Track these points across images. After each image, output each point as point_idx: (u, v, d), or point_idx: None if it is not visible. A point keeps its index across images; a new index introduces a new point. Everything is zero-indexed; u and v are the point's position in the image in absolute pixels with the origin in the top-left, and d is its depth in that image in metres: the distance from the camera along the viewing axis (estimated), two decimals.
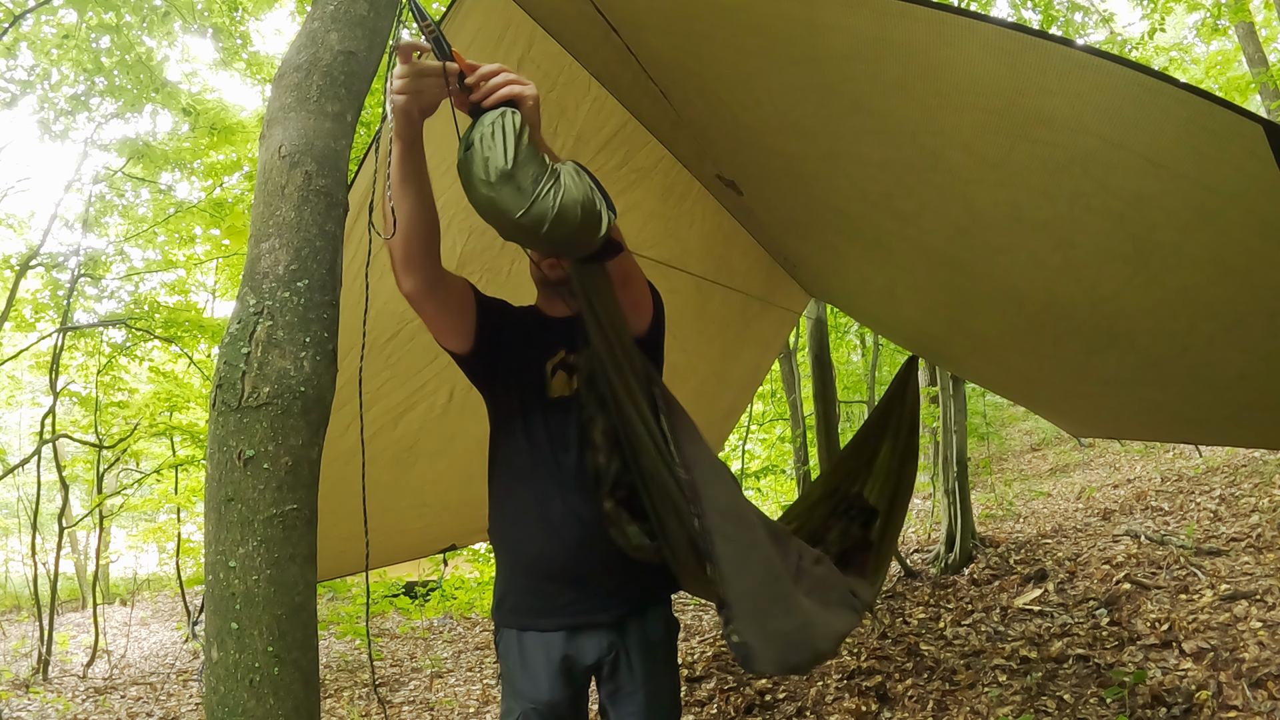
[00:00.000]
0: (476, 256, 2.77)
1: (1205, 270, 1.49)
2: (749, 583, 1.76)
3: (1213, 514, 5.06)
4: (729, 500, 1.81)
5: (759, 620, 1.72)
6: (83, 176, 7.70)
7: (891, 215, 2.15)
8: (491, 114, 1.49)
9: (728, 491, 1.83)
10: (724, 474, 1.95)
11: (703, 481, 1.73)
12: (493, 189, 1.46)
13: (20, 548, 11.43)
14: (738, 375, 5.04)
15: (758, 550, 1.83)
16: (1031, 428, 12.30)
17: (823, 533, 3.28)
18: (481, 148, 1.46)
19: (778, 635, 1.76)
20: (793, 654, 1.81)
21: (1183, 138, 1.13)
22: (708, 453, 1.93)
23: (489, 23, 2.13)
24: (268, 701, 1.22)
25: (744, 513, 1.88)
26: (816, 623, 1.92)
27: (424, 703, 4.69)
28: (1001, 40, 1.16)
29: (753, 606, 1.73)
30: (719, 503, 1.76)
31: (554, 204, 1.47)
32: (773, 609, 1.80)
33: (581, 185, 1.52)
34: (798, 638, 1.82)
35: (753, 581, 1.77)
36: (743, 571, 1.75)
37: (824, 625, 1.97)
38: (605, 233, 1.58)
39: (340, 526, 2.12)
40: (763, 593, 1.79)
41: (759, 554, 1.83)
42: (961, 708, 3.05)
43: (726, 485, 1.86)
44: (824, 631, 1.95)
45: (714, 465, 1.89)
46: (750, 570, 1.78)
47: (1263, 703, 2.62)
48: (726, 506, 1.78)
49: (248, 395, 1.30)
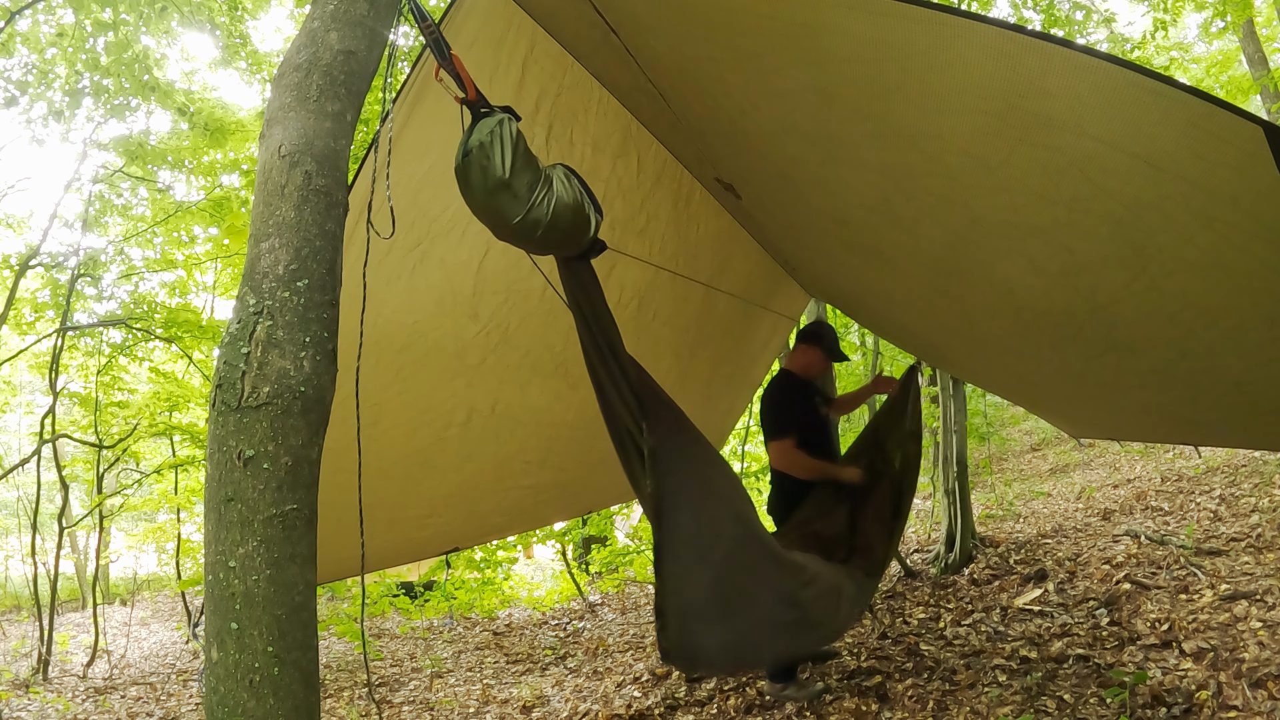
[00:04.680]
0: (500, 275, 2.74)
1: (1204, 275, 1.48)
2: (685, 597, 1.99)
3: (1213, 514, 5.06)
4: (690, 528, 2.01)
5: (686, 632, 1.99)
6: (82, 176, 7.70)
7: (890, 221, 2.15)
8: (489, 121, 1.51)
9: (692, 518, 2.04)
10: (705, 493, 2.11)
11: (669, 499, 1.94)
12: (490, 195, 1.50)
13: (20, 548, 11.42)
14: (738, 375, 5.04)
15: (709, 569, 2.05)
16: (1031, 428, 12.29)
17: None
18: (479, 154, 1.49)
19: (701, 646, 2.03)
20: (708, 663, 2.23)
21: (1182, 140, 1.13)
22: (691, 461, 2.08)
23: (490, 24, 2.12)
24: (268, 701, 1.22)
25: (710, 534, 2.08)
26: (754, 641, 2.19)
27: (424, 703, 4.69)
28: (1001, 42, 1.16)
29: (683, 621, 1.98)
30: (680, 526, 1.97)
31: (548, 210, 1.53)
32: (705, 623, 2.04)
33: (572, 190, 1.58)
34: (722, 651, 2.09)
35: (691, 595, 2.01)
36: (684, 585, 1.99)
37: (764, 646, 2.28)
38: (594, 233, 1.66)
39: (344, 535, 2.12)
40: (699, 609, 2.02)
41: (709, 573, 2.05)
42: (961, 708, 3.05)
43: (697, 510, 2.07)
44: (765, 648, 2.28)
45: (691, 482, 2.05)
46: (691, 583, 2.01)
47: (1263, 703, 2.62)
48: (687, 535, 1.99)
49: (248, 395, 1.30)
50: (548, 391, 3.36)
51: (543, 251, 1.82)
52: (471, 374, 3.00)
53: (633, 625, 6.12)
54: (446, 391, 2.99)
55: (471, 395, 3.07)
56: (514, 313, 2.91)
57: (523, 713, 4.20)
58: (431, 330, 2.74)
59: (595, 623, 6.53)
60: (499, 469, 3.59)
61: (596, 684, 4.50)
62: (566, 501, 4.68)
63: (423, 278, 2.55)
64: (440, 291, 2.66)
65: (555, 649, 5.74)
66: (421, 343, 2.74)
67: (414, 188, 2.30)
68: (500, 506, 3.96)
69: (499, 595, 7.65)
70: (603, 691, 4.29)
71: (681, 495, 1.96)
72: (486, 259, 2.65)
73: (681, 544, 1.97)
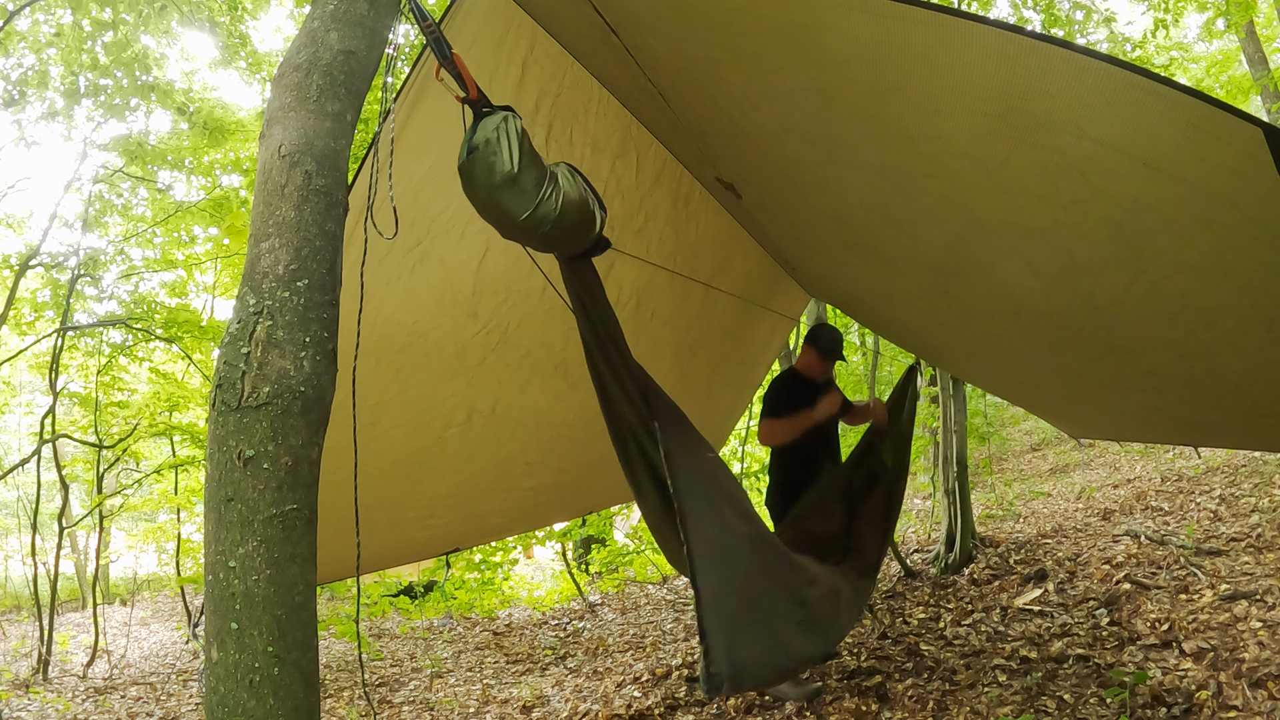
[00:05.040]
0: (501, 275, 2.73)
1: (1203, 277, 1.48)
2: (726, 610, 1.87)
3: (1213, 514, 5.06)
4: (715, 528, 1.92)
5: (731, 650, 1.84)
6: (82, 176, 7.70)
7: (889, 222, 2.15)
8: (493, 118, 1.51)
9: (714, 517, 1.94)
10: (717, 490, 2.03)
11: (688, 500, 1.83)
12: (497, 192, 1.49)
13: (20, 548, 11.42)
14: (738, 376, 5.04)
15: (737, 573, 1.95)
16: (1031, 428, 12.29)
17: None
18: (486, 150, 1.49)
19: (747, 661, 1.89)
20: (753, 678, 2.00)
21: (1182, 142, 1.13)
22: (700, 460, 2.00)
23: (490, 23, 2.12)
24: (268, 701, 1.22)
25: (731, 537, 1.99)
26: (785, 644, 2.05)
27: (424, 703, 4.69)
28: (1000, 43, 1.16)
29: (727, 637, 1.84)
30: (706, 532, 1.87)
31: (555, 207, 1.52)
32: (745, 635, 1.91)
33: (577, 187, 1.58)
34: (763, 661, 1.96)
35: (730, 605, 1.89)
36: (723, 596, 1.87)
37: (793, 648, 2.12)
38: (598, 231, 1.65)
39: (344, 535, 2.12)
40: (738, 619, 1.91)
41: (738, 578, 1.95)
42: (961, 708, 3.05)
43: (715, 509, 1.97)
44: (790, 654, 2.11)
45: (704, 480, 1.97)
46: (729, 593, 1.89)
47: (1263, 703, 2.62)
48: (713, 535, 1.89)
49: (248, 395, 1.30)
50: (548, 391, 3.36)
51: (547, 249, 1.81)
52: (471, 374, 3.00)
53: (632, 625, 6.12)
54: (446, 391, 2.98)
55: (472, 395, 3.07)
56: (514, 312, 2.91)
57: (523, 713, 4.20)
58: (431, 330, 2.74)
59: (595, 623, 6.53)
60: (499, 469, 3.59)
61: (596, 684, 4.50)
62: (567, 502, 4.68)
63: (423, 277, 2.55)
64: (440, 291, 2.66)
65: (555, 649, 5.74)
66: (421, 343, 2.74)
67: (414, 187, 2.30)
68: (501, 507, 3.96)
69: (499, 595, 7.65)
70: (603, 691, 4.29)
71: (698, 498, 1.89)
72: (486, 258, 2.65)
73: (711, 550, 1.86)
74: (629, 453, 1.96)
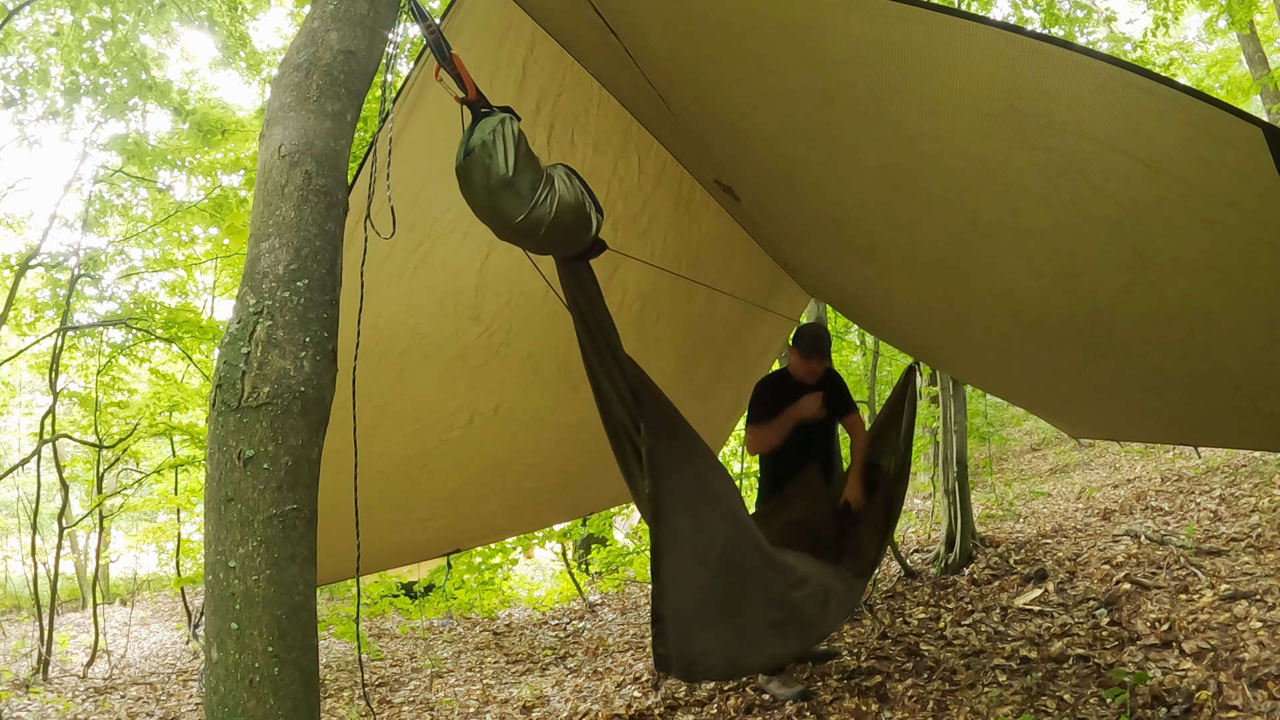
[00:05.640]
0: (503, 277, 2.73)
1: (1203, 278, 1.48)
2: (684, 601, 1.96)
3: (1213, 514, 5.06)
4: (688, 527, 1.99)
5: (683, 638, 1.94)
6: (82, 176, 7.70)
7: (888, 223, 2.15)
8: (491, 120, 1.51)
9: (689, 517, 2.01)
10: (700, 491, 2.08)
11: (666, 500, 1.91)
12: (493, 194, 1.50)
13: (20, 548, 11.42)
14: (739, 377, 5.04)
15: (705, 571, 2.02)
16: (1031, 428, 12.29)
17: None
18: (482, 153, 1.49)
19: (700, 652, 1.99)
20: (708, 668, 2.11)
21: (1181, 142, 1.12)
22: (687, 460, 2.05)
23: (490, 24, 2.13)
24: (268, 701, 1.22)
25: (706, 535, 2.06)
26: (752, 641, 2.14)
27: (424, 703, 4.69)
28: (1000, 43, 1.16)
29: (681, 625, 1.94)
30: (676, 530, 1.95)
31: (551, 209, 1.53)
32: (704, 629, 2.00)
33: (573, 190, 1.59)
34: (722, 654, 2.05)
35: (688, 599, 1.97)
36: (681, 588, 1.95)
37: (762, 645, 2.21)
38: (595, 234, 1.66)
39: (345, 536, 2.12)
40: (698, 613, 1.99)
41: (706, 576, 2.02)
42: (961, 708, 3.05)
43: (692, 509, 2.03)
44: (757, 650, 2.20)
45: (686, 480, 2.03)
46: (689, 587, 1.97)
47: (1263, 703, 2.62)
48: (683, 534, 1.97)
49: (248, 395, 1.30)
50: (549, 394, 3.36)
51: (544, 251, 1.82)
52: (474, 376, 3.00)
53: (632, 625, 6.12)
54: (448, 393, 2.98)
55: (474, 397, 3.07)
56: (516, 314, 2.91)
57: (523, 713, 4.20)
58: (433, 332, 2.73)
59: (595, 623, 6.53)
60: (501, 471, 3.59)
61: (596, 684, 4.50)
62: (568, 503, 4.68)
63: (424, 279, 2.55)
64: (442, 293, 2.66)
65: (555, 649, 5.74)
66: (423, 344, 2.74)
67: (414, 188, 2.30)
68: (502, 508, 3.96)
69: (499, 595, 7.65)
70: (603, 691, 4.29)
71: (678, 496, 1.96)
72: (488, 260, 2.65)
73: (679, 546, 1.95)
74: (624, 453, 1.98)
